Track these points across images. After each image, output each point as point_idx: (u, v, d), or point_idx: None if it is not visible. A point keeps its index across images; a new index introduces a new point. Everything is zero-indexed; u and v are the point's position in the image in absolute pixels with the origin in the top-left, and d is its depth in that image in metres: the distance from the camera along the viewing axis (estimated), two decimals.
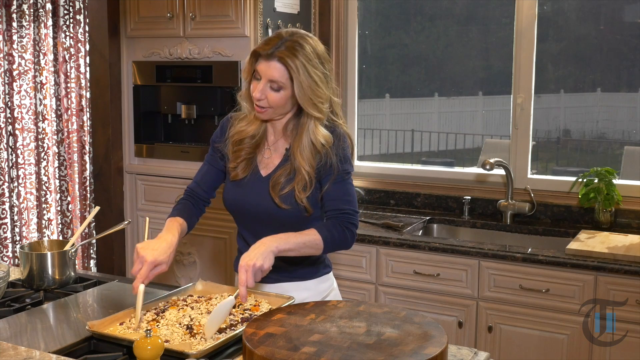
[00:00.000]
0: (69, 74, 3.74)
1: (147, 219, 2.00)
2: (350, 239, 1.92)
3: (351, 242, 1.93)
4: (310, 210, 1.91)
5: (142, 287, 1.72)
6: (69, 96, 3.75)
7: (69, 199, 3.81)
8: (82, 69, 3.75)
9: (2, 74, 3.48)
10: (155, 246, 1.79)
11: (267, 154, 1.98)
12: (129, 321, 1.72)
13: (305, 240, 1.84)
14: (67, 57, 3.72)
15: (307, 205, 1.90)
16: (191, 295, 1.91)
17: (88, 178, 3.83)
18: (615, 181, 3.07)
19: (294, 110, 1.94)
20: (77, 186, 3.83)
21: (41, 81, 3.62)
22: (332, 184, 1.91)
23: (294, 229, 1.87)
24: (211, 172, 2.07)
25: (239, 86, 3.20)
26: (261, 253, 1.73)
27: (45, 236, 3.69)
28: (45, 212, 3.69)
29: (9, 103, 3.51)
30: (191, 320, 1.70)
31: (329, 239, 1.87)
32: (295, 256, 1.88)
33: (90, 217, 2.22)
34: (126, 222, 2.29)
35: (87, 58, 3.71)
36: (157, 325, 1.68)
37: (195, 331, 1.64)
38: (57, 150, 3.77)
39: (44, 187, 3.67)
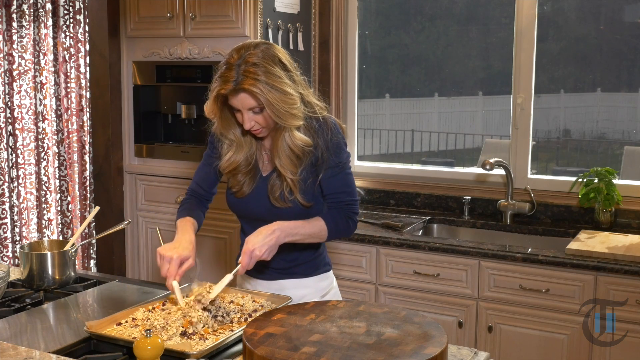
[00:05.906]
0: (69, 74, 3.74)
1: (158, 227, 2.09)
2: (353, 227, 2.00)
3: (353, 230, 2.01)
4: (307, 205, 1.94)
5: (175, 283, 1.81)
6: (69, 96, 3.75)
7: (69, 199, 3.81)
8: (82, 69, 3.75)
9: (2, 74, 3.48)
10: (175, 245, 1.86)
11: (267, 158, 2.00)
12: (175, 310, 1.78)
13: (313, 232, 1.92)
14: (67, 57, 3.72)
15: (303, 202, 1.93)
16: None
17: (88, 178, 3.83)
18: (615, 181, 3.07)
19: None
20: (77, 186, 3.83)
21: (41, 81, 3.62)
22: (330, 178, 1.94)
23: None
24: (210, 173, 2.08)
25: None
26: (269, 246, 1.81)
27: (45, 236, 3.70)
28: (45, 212, 3.69)
29: (9, 103, 3.51)
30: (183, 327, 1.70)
31: (333, 229, 1.96)
32: (295, 251, 2.01)
33: (90, 217, 2.22)
34: (126, 222, 2.29)
35: (87, 58, 3.71)
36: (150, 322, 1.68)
37: (190, 333, 1.64)
38: (57, 150, 3.77)
39: (44, 187, 3.67)
